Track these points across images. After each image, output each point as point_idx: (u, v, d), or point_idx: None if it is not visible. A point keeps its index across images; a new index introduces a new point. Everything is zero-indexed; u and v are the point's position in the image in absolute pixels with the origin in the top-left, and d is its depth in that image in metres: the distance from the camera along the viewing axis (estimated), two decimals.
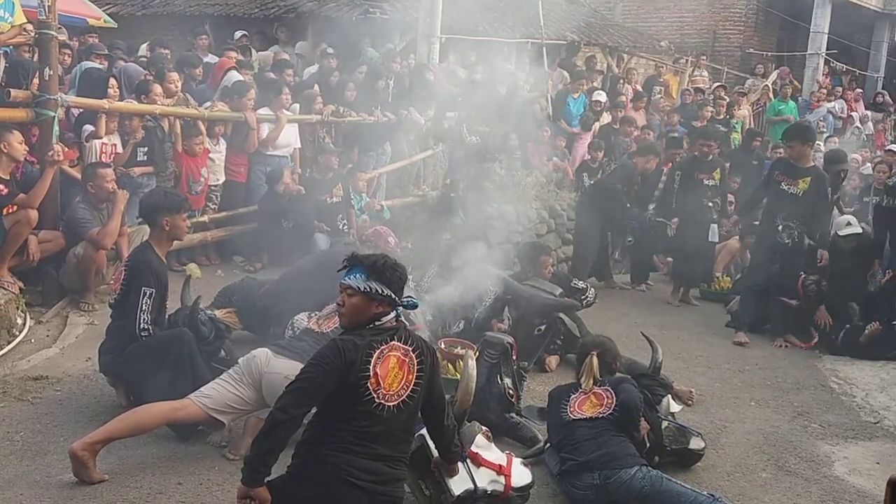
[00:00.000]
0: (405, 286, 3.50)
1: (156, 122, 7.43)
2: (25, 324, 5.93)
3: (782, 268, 7.35)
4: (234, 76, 8.64)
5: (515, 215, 8.62)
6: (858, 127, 15.18)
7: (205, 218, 7.84)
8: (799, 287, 7.35)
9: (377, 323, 3.36)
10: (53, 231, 6.33)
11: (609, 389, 4.44)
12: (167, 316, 4.84)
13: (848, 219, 7.85)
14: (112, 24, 11.00)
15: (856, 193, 10.54)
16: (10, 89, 6.19)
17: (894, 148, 10.83)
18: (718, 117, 12.46)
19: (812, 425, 5.53)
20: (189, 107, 7.80)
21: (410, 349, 3.38)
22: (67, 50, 8.47)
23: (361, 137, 9.30)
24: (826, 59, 17.82)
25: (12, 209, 5.99)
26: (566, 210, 9.38)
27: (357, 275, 3.37)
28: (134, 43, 10.62)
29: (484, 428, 4.07)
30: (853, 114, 15.72)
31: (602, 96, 12.11)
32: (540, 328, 5.91)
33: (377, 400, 3.26)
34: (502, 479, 3.89)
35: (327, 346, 3.31)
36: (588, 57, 14.29)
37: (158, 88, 7.51)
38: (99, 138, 6.87)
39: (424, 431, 3.69)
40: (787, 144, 7.43)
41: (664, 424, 4.67)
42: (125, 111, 7.13)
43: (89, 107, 6.88)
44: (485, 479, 3.84)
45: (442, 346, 5.40)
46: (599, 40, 15.73)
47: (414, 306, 3.60)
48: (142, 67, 8.67)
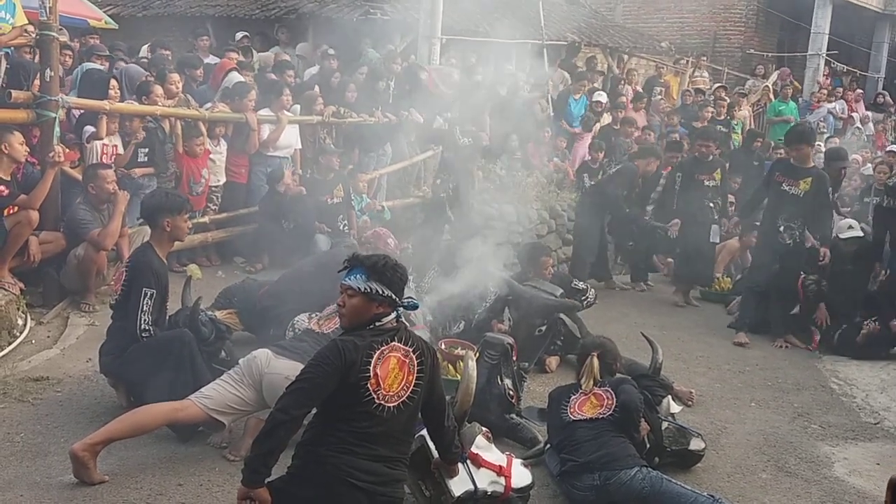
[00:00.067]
0: (406, 287, 3.50)
1: (157, 124, 7.44)
2: (26, 325, 5.94)
3: (783, 268, 7.34)
4: (235, 77, 8.65)
5: (516, 216, 8.63)
6: (859, 127, 15.17)
7: (205, 219, 7.85)
8: (799, 287, 7.35)
9: (377, 324, 3.36)
10: (54, 232, 6.33)
11: (609, 390, 4.44)
12: (168, 317, 4.84)
13: (850, 222, 7.83)
14: (113, 26, 11.00)
15: (856, 194, 10.54)
16: (11, 90, 6.20)
17: (895, 149, 10.85)
18: (719, 118, 12.46)
19: (812, 426, 5.53)
20: (190, 108, 7.81)
21: (411, 350, 3.38)
22: (68, 51, 8.47)
23: (362, 138, 9.29)
24: (826, 60, 17.83)
25: (13, 210, 5.99)
26: (567, 210, 9.38)
27: (357, 275, 3.38)
28: (135, 44, 10.63)
29: (484, 429, 4.07)
30: (854, 114, 15.71)
31: (603, 97, 12.10)
32: (540, 329, 5.91)
33: (377, 401, 3.26)
34: (502, 480, 3.90)
35: (327, 347, 3.32)
36: (588, 58, 14.29)
37: (159, 89, 7.52)
38: (100, 139, 6.89)
39: (425, 432, 3.70)
40: (794, 148, 7.36)
41: (664, 425, 4.67)
42: (126, 112, 7.14)
43: (90, 108, 6.89)
44: (485, 480, 3.84)
45: (442, 347, 5.40)
46: (600, 41, 15.73)
47: (414, 307, 3.60)
48: (143, 68, 8.67)
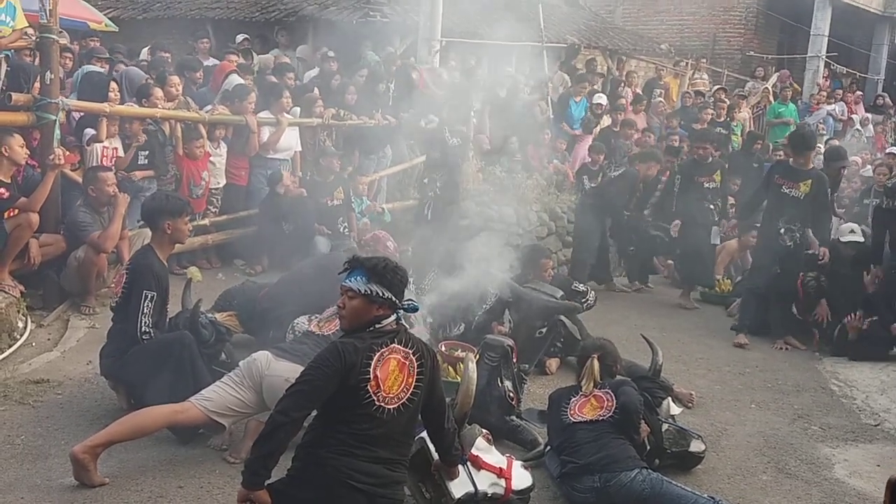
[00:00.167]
0: (406, 289, 3.50)
1: (157, 126, 7.45)
2: (26, 327, 5.94)
3: (782, 270, 7.34)
4: (235, 80, 8.66)
5: (516, 218, 8.63)
6: (859, 129, 15.18)
7: (206, 221, 7.86)
8: (798, 286, 7.36)
9: (377, 326, 3.36)
10: (54, 235, 6.33)
11: (609, 392, 4.44)
12: (168, 319, 4.85)
13: (852, 226, 7.83)
14: (113, 28, 11.01)
15: (856, 196, 10.54)
16: (12, 93, 6.21)
17: (895, 150, 10.86)
18: (719, 120, 12.47)
19: (812, 428, 5.53)
20: (190, 110, 7.81)
21: (411, 352, 3.38)
22: (69, 54, 8.48)
23: (362, 140, 9.30)
24: (826, 62, 17.85)
25: (13, 213, 5.99)
26: (567, 213, 9.38)
27: (358, 277, 3.38)
28: (135, 47, 10.65)
29: (484, 431, 4.07)
30: (853, 116, 15.73)
31: (602, 99, 12.10)
32: (541, 331, 5.90)
33: (377, 403, 3.26)
34: (503, 482, 3.90)
35: (327, 349, 3.32)
36: (588, 60, 14.30)
37: (159, 92, 7.53)
38: (100, 142, 6.89)
39: (425, 434, 3.70)
40: (800, 155, 7.32)
41: (664, 427, 4.67)
42: (126, 115, 7.15)
43: (90, 110, 6.90)
44: (485, 482, 3.85)
45: (442, 349, 5.40)
46: (599, 43, 15.74)
47: (414, 309, 3.60)
48: (143, 71, 8.69)
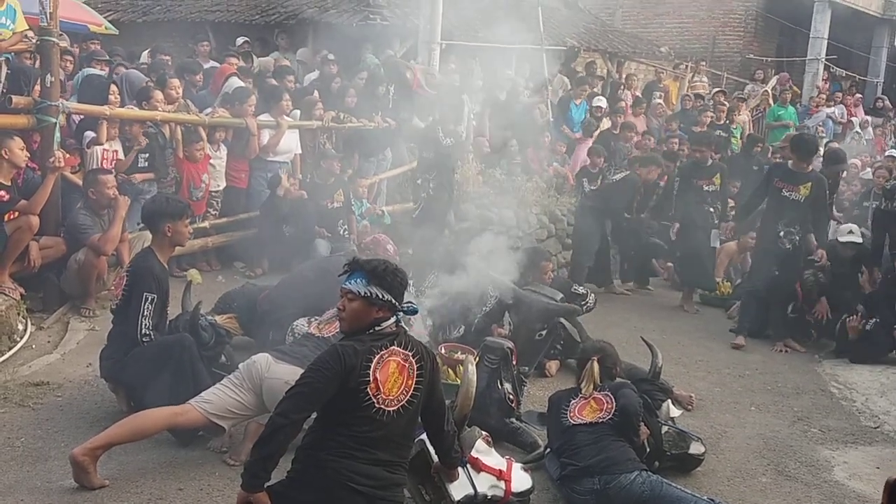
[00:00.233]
0: (406, 291, 3.51)
1: (157, 129, 7.45)
2: (26, 329, 5.95)
3: (781, 273, 7.35)
4: (235, 82, 8.66)
5: (515, 220, 8.63)
6: (858, 132, 15.16)
7: (206, 224, 7.86)
8: (797, 288, 7.37)
9: (377, 328, 3.36)
10: (55, 237, 6.33)
11: (609, 394, 4.45)
12: (168, 321, 4.86)
13: (851, 227, 7.85)
14: (113, 31, 11.01)
15: (856, 199, 10.53)
16: (12, 96, 6.22)
17: (894, 153, 10.86)
18: (718, 123, 12.47)
19: (812, 430, 5.53)
20: (190, 113, 7.82)
21: (410, 354, 3.39)
22: (69, 56, 8.49)
23: (362, 143, 9.31)
24: (826, 65, 17.85)
25: (14, 215, 6.00)
26: (566, 215, 9.38)
27: (358, 279, 3.38)
28: (135, 49, 10.66)
29: (484, 433, 4.08)
30: (853, 119, 15.71)
31: (602, 102, 12.10)
32: (540, 333, 5.90)
33: (377, 405, 3.26)
34: (502, 485, 3.91)
35: (327, 352, 3.32)
36: (588, 63, 14.31)
37: (159, 95, 7.53)
38: (100, 144, 6.90)
39: (424, 436, 3.70)
40: (801, 160, 7.31)
41: (664, 429, 4.68)
42: (126, 117, 7.16)
43: (90, 113, 6.90)
44: (485, 485, 3.85)
45: (442, 352, 5.40)
46: (599, 46, 15.74)
47: (414, 311, 3.60)
48: (143, 74, 8.69)
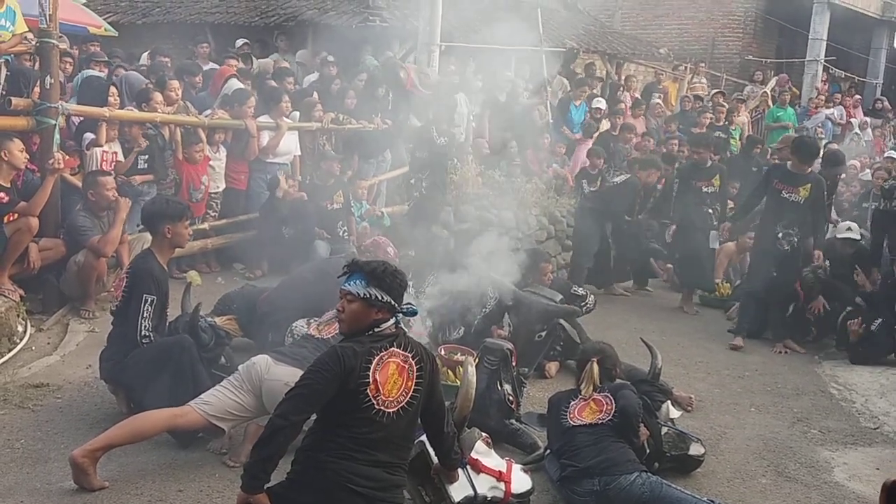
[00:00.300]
0: (405, 293, 3.51)
1: (156, 130, 7.46)
2: (26, 331, 5.94)
3: (779, 274, 7.34)
4: (235, 84, 8.67)
5: (515, 221, 8.63)
6: (857, 133, 15.17)
7: (205, 225, 7.86)
8: (797, 288, 7.38)
9: (377, 329, 3.37)
10: (54, 239, 6.34)
11: (608, 396, 4.45)
12: (168, 323, 4.86)
13: (849, 224, 7.88)
14: (113, 33, 11.00)
15: (855, 200, 10.54)
16: (12, 97, 6.22)
17: (894, 154, 10.86)
18: (718, 124, 12.48)
19: (812, 431, 5.54)
20: (189, 115, 7.83)
21: (410, 355, 3.39)
22: (69, 58, 8.49)
23: (361, 144, 9.31)
24: (825, 66, 17.86)
25: (13, 217, 6.00)
26: (566, 216, 9.38)
27: (357, 281, 3.38)
28: (135, 51, 10.66)
29: (484, 434, 4.08)
30: (852, 120, 15.72)
31: (602, 103, 12.11)
32: (540, 334, 5.91)
33: (377, 406, 3.26)
34: (502, 486, 3.91)
35: (327, 353, 3.32)
36: (587, 64, 14.33)
37: (159, 96, 7.54)
38: (99, 146, 6.90)
39: (424, 438, 3.70)
40: (804, 163, 7.30)
41: (664, 430, 4.68)
42: (126, 119, 7.16)
43: (90, 115, 6.91)
44: (485, 486, 3.85)
45: (442, 353, 5.39)
46: (598, 47, 15.75)
47: (413, 313, 3.60)
48: (142, 75, 8.70)
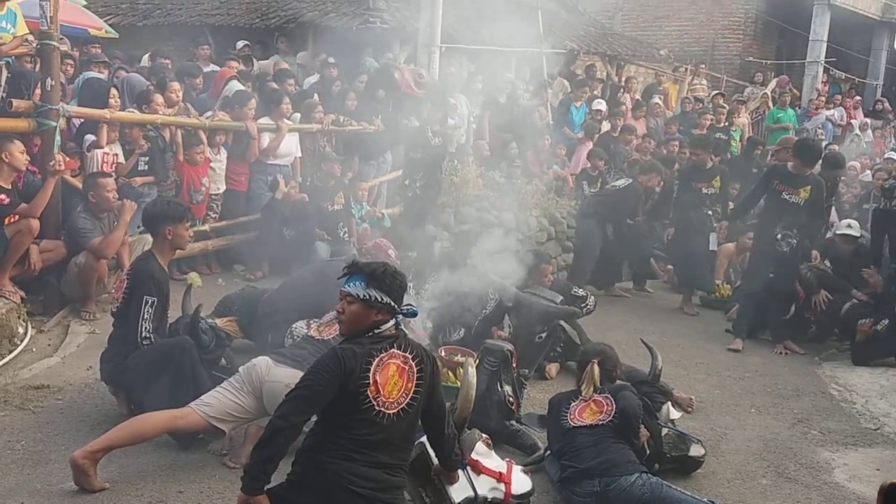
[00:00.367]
0: (405, 294, 3.51)
1: (157, 132, 7.47)
2: (27, 333, 5.95)
3: (778, 275, 7.35)
4: (236, 86, 8.67)
5: (515, 223, 8.63)
6: (858, 134, 15.17)
7: (206, 227, 7.87)
8: (797, 287, 7.38)
9: (377, 331, 3.37)
10: (55, 240, 6.34)
11: (609, 397, 4.45)
12: (168, 324, 4.86)
13: (849, 221, 7.91)
14: (113, 35, 11.02)
15: (855, 201, 10.54)
16: (13, 99, 6.23)
17: (894, 156, 10.87)
18: (718, 125, 12.49)
19: (812, 432, 5.54)
20: (190, 116, 7.83)
21: (410, 357, 3.39)
22: (69, 60, 8.49)
23: (362, 146, 9.32)
24: (825, 67, 17.88)
25: (14, 219, 6.01)
26: (566, 218, 9.38)
27: (357, 282, 3.38)
28: (135, 53, 10.66)
29: (484, 435, 4.08)
30: (852, 121, 15.74)
31: (602, 105, 12.12)
32: (540, 336, 5.91)
33: (377, 408, 3.26)
34: (502, 487, 3.91)
35: (327, 355, 3.32)
36: (588, 65, 14.34)
37: (160, 98, 7.55)
38: (100, 148, 6.91)
39: (425, 439, 3.70)
40: (806, 165, 7.31)
41: (664, 431, 4.68)
42: (126, 121, 7.17)
43: (91, 117, 6.91)
44: (485, 487, 3.85)
45: (442, 354, 5.40)
46: (599, 49, 15.75)
47: (413, 314, 3.61)
48: (143, 77, 8.71)
